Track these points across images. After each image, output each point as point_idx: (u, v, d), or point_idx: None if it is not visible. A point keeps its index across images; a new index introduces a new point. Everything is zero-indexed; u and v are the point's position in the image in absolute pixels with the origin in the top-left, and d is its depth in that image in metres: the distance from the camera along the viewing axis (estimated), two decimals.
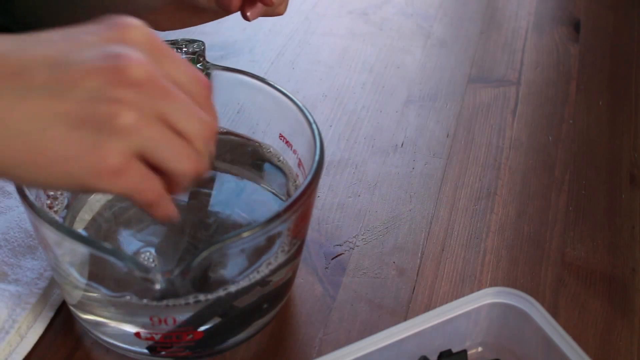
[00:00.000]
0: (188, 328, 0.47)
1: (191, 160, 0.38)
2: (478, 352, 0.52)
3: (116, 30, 0.37)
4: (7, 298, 0.52)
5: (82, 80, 0.35)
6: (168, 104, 0.37)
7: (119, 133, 0.35)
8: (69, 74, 0.35)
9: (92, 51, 0.36)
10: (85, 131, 0.35)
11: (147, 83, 0.36)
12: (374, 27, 0.87)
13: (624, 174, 0.69)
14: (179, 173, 0.38)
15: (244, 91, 0.56)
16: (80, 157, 0.35)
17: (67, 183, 0.36)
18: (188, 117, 0.38)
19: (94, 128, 0.35)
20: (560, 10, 0.92)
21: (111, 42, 0.37)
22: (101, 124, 0.35)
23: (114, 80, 0.35)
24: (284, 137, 0.56)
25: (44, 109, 0.35)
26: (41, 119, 0.35)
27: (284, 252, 0.49)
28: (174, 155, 0.37)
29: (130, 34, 0.37)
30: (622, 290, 0.58)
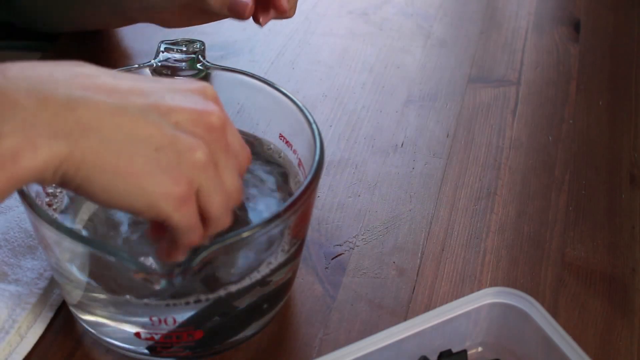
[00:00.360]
0: (188, 328, 0.47)
1: (227, 212, 0.42)
2: (478, 352, 0.52)
3: (204, 91, 0.42)
4: (7, 298, 0.52)
5: (173, 113, 0.39)
6: (225, 158, 0.41)
7: (192, 166, 0.39)
8: (163, 105, 0.39)
9: (182, 95, 0.41)
10: (165, 155, 0.38)
11: (221, 132, 0.41)
12: (374, 27, 0.87)
13: (624, 174, 0.69)
14: (216, 221, 0.41)
15: (244, 91, 0.56)
16: (157, 176, 0.38)
17: (139, 200, 0.38)
18: (232, 176, 0.42)
19: (174, 154, 0.38)
20: (560, 10, 0.92)
21: (199, 94, 0.42)
22: (180, 153, 0.39)
23: (199, 120, 0.40)
24: (284, 137, 0.56)
25: (136, 126, 0.38)
26: (132, 133, 0.38)
27: (284, 252, 0.49)
28: (220, 202, 0.41)
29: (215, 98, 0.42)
30: (622, 290, 0.58)
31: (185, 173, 0.39)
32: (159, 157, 0.38)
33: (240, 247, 0.47)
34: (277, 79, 0.57)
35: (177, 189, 0.38)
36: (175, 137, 0.39)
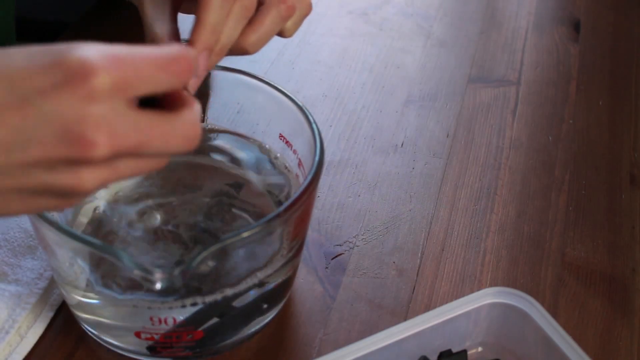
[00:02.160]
0: (188, 328, 0.47)
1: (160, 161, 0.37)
2: (478, 352, 0.52)
3: (74, 86, 0.33)
4: (7, 298, 0.52)
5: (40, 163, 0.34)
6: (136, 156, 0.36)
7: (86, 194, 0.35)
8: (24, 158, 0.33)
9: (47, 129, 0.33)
10: (47, 197, 0.35)
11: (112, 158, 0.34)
12: (374, 27, 0.87)
13: (624, 174, 0.69)
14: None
15: (244, 91, 0.56)
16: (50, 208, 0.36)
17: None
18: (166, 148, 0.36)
19: (57, 194, 0.35)
20: (560, 10, 0.92)
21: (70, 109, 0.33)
22: (63, 192, 0.35)
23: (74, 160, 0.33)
24: (284, 137, 0.56)
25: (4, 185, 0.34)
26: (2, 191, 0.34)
27: (283, 252, 0.49)
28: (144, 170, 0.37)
29: (91, 88, 0.33)
30: (622, 290, 0.58)
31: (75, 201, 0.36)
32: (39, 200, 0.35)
33: (240, 247, 0.47)
34: (277, 79, 0.57)
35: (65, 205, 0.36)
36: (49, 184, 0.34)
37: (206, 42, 0.43)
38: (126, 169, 0.36)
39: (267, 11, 0.46)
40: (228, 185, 0.55)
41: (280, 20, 0.47)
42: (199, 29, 0.43)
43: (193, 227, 0.52)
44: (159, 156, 0.37)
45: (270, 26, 0.47)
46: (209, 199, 0.54)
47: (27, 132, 0.33)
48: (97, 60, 0.33)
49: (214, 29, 0.43)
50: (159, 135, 0.35)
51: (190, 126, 0.36)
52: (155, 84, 0.35)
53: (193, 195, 0.55)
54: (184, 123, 0.36)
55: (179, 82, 0.36)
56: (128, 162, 0.35)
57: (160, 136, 0.35)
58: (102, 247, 0.43)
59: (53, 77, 0.33)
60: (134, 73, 0.34)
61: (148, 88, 0.35)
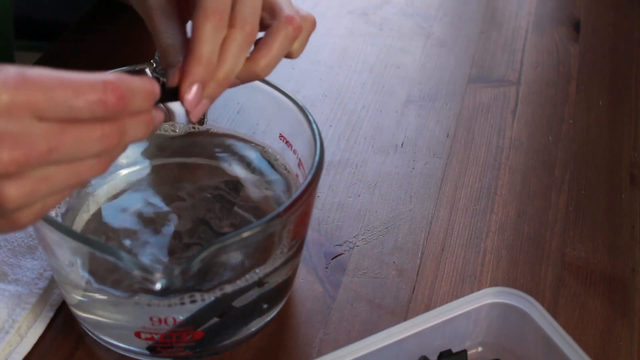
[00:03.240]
0: (188, 328, 0.47)
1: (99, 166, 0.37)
2: (478, 352, 0.52)
3: None
4: (7, 298, 0.52)
5: None
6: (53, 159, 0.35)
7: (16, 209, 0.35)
8: None
9: None
10: None
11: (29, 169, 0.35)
12: (374, 27, 0.87)
13: (624, 174, 0.69)
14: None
15: (244, 91, 0.56)
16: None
17: None
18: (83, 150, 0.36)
19: None
20: (560, 10, 0.92)
21: None
22: None
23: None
24: (284, 137, 0.56)
25: None
26: None
27: (283, 252, 0.49)
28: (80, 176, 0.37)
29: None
30: (622, 290, 0.58)
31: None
32: None
33: (240, 247, 0.47)
34: (277, 79, 0.57)
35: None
36: None
37: (198, 74, 0.42)
38: (57, 177, 0.36)
39: (276, 34, 0.45)
40: (228, 185, 0.55)
41: (289, 42, 0.46)
42: (191, 61, 0.42)
43: (193, 227, 0.52)
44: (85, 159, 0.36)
45: (280, 49, 0.46)
46: (209, 199, 0.54)
47: None
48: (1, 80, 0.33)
49: (207, 61, 0.42)
50: (71, 138, 0.35)
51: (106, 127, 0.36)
52: (70, 109, 0.35)
53: (193, 195, 0.55)
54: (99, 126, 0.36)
55: (104, 111, 0.35)
56: (53, 170, 0.35)
57: (73, 139, 0.35)
58: (102, 247, 0.43)
59: None
60: (43, 95, 0.34)
61: (61, 111, 0.35)
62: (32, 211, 0.36)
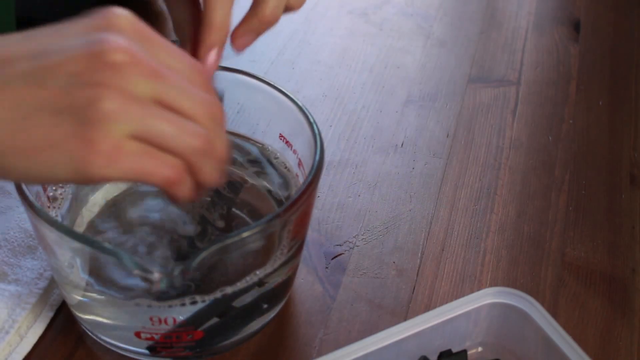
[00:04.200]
0: (188, 328, 0.47)
1: (198, 137, 0.37)
2: (478, 352, 0.52)
3: (100, 19, 0.36)
4: (7, 298, 0.52)
5: (62, 66, 0.35)
6: (159, 84, 0.36)
7: (103, 118, 0.34)
8: (49, 62, 0.35)
9: (73, 40, 0.36)
10: (67, 117, 0.34)
11: (131, 65, 0.35)
12: (374, 27, 0.87)
13: (624, 174, 0.69)
14: (185, 151, 0.36)
15: (244, 91, 0.56)
16: (66, 144, 0.34)
17: (62, 173, 0.35)
18: (185, 94, 0.37)
19: (76, 114, 0.34)
20: (560, 10, 0.92)
21: (94, 30, 0.36)
22: (82, 109, 0.34)
23: (94, 64, 0.35)
24: (284, 137, 0.56)
25: (24, 97, 0.34)
26: (21, 106, 0.34)
27: (283, 252, 0.49)
28: (176, 133, 0.36)
29: (115, 22, 0.36)
30: (622, 290, 0.58)
31: (98, 128, 0.34)
32: (59, 122, 0.34)
33: (240, 247, 0.47)
34: (277, 79, 0.57)
35: (94, 149, 0.34)
36: (69, 94, 0.34)
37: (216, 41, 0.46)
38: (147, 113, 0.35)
39: None
40: (228, 185, 0.55)
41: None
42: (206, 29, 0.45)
43: (192, 227, 0.52)
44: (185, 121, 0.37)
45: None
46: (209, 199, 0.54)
47: (53, 46, 0.35)
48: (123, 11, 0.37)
49: (221, 27, 0.46)
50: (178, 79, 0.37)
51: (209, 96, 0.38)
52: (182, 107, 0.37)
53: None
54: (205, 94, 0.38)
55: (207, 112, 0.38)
56: (150, 106, 0.36)
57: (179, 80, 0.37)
58: (102, 247, 0.43)
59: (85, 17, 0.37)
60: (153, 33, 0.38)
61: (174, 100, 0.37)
62: (112, 137, 0.35)
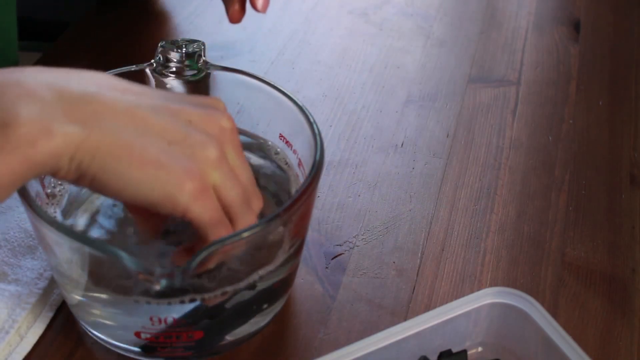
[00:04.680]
0: (188, 328, 0.47)
1: (249, 208, 0.44)
2: (478, 352, 0.52)
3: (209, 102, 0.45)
4: (7, 298, 0.52)
5: (183, 112, 0.42)
6: (237, 157, 0.43)
7: (205, 161, 0.41)
8: (174, 107, 0.42)
9: (192, 102, 0.43)
10: (178, 148, 0.40)
11: (231, 133, 0.43)
12: (374, 27, 0.87)
13: (624, 174, 0.69)
14: (240, 216, 0.43)
15: (244, 91, 0.56)
16: (171, 167, 0.39)
17: (154, 189, 0.39)
18: (247, 173, 0.44)
19: (187, 149, 0.40)
20: (560, 10, 0.92)
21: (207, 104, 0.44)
22: (193, 148, 0.40)
23: (209, 120, 0.42)
24: (284, 137, 0.56)
25: (148, 120, 0.40)
26: (144, 127, 0.40)
27: (284, 252, 0.49)
28: (238, 197, 0.43)
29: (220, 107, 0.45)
30: (622, 290, 0.58)
31: (199, 167, 0.40)
32: (172, 150, 0.40)
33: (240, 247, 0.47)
34: (277, 79, 0.57)
35: (191, 180, 0.40)
36: (187, 133, 0.41)
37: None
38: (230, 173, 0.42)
39: None
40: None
41: None
42: None
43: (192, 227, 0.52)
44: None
45: None
46: None
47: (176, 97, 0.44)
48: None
49: None
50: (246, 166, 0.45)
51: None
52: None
53: None
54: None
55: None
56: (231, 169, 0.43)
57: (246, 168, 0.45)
58: (102, 247, 0.43)
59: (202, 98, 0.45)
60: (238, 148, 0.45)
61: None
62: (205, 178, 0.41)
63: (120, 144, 0.39)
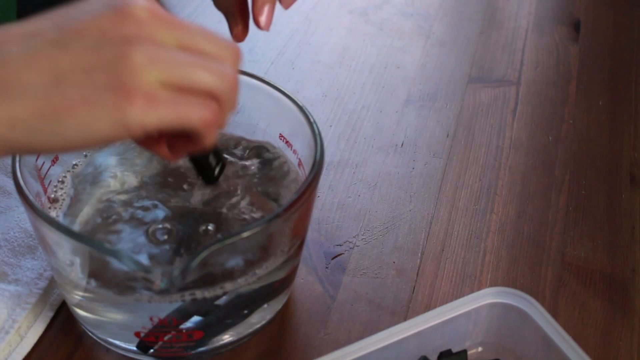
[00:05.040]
0: (188, 328, 0.47)
1: (226, 76, 0.39)
2: (478, 352, 0.52)
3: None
4: (7, 298, 0.52)
5: (88, 28, 0.36)
6: (183, 33, 0.37)
7: (135, 69, 0.35)
8: (75, 26, 0.36)
9: (95, 4, 0.37)
10: (99, 73, 0.35)
11: (154, 18, 0.37)
12: (374, 27, 0.87)
13: (624, 174, 0.69)
14: (216, 89, 0.38)
15: (244, 91, 0.56)
16: (101, 98, 0.35)
17: (102, 128, 0.36)
18: (208, 40, 0.38)
19: (108, 69, 0.35)
20: (560, 10, 0.92)
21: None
22: (113, 64, 0.35)
23: (119, 22, 0.36)
24: (284, 137, 0.56)
25: (55, 60, 0.36)
26: (52, 70, 0.35)
27: (283, 252, 0.49)
28: (205, 74, 0.38)
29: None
30: (622, 290, 0.58)
31: (128, 80, 0.35)
32: (92, 79, 0.35)
33: (240, 247, 0.47)
34: (277, 79, 0.57)
35: (127, 98, 0.35)
36: (99, 51, 0.36)
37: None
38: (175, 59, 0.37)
39: None
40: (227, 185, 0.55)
41: None
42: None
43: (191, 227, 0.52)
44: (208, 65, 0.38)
45: None
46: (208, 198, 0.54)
47: (77, 13, 0.37)
48: None
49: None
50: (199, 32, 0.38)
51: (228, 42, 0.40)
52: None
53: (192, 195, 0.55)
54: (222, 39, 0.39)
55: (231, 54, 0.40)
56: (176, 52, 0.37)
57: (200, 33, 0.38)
58: (102, 247, 0.44)
59: None
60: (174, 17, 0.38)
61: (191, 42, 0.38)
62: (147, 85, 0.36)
63: (38, 105, 0.35)
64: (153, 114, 0.36)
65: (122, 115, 0.35)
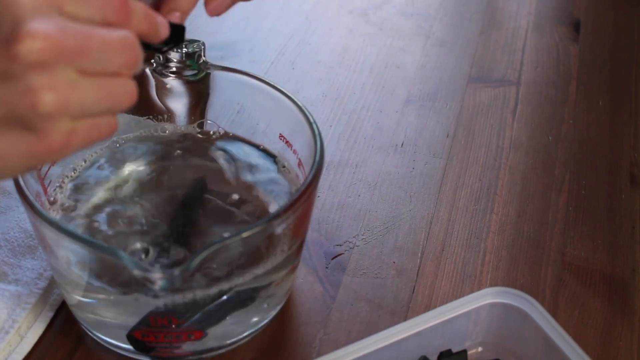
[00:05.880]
0: (188, 328, 0.47)
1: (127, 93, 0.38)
2: (478, 352, 0.52)
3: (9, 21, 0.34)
4: (7, 298, 0.52)
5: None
6: (81, 60, 0.35)
7: (47, 119, 0.35)
8: None
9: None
10: (10, 127, 0.35)
11: (48, 52, 0.34)
12: (374, 27, 0.87)
13: (624, 174, 0.69)
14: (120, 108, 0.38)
15: (244, 91, 0.56)
16: (17, 150, 0.35)
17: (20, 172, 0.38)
18: (108, 58, 0.36)
19: (19, 121, 0.35)
20: (560, 10, 0.92)
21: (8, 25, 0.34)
22: (23, 117, 0.35)
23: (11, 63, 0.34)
24: (284, 137, 0.56)
25: None
26: None
27: (283, 252, 0.49)
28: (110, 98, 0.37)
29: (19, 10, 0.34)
30: (622, 290, 0.58)
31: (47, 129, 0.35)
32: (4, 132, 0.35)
33: (240, 247, 0.47)
34: (277, 79, 0.57)
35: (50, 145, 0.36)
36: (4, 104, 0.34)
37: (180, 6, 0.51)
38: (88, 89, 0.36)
39: None
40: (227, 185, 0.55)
41: None
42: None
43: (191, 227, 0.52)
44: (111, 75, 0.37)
45: None
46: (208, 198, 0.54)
47: None
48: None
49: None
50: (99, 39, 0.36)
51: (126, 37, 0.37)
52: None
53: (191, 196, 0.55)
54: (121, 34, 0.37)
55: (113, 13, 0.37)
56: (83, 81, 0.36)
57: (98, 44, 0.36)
58: (102, 246, 0.43)
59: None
60: None
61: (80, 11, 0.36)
62: (62, 128, 0.35)
63: None
64: (71, 149, 0.37)
65: (43, 160, 0.36)
